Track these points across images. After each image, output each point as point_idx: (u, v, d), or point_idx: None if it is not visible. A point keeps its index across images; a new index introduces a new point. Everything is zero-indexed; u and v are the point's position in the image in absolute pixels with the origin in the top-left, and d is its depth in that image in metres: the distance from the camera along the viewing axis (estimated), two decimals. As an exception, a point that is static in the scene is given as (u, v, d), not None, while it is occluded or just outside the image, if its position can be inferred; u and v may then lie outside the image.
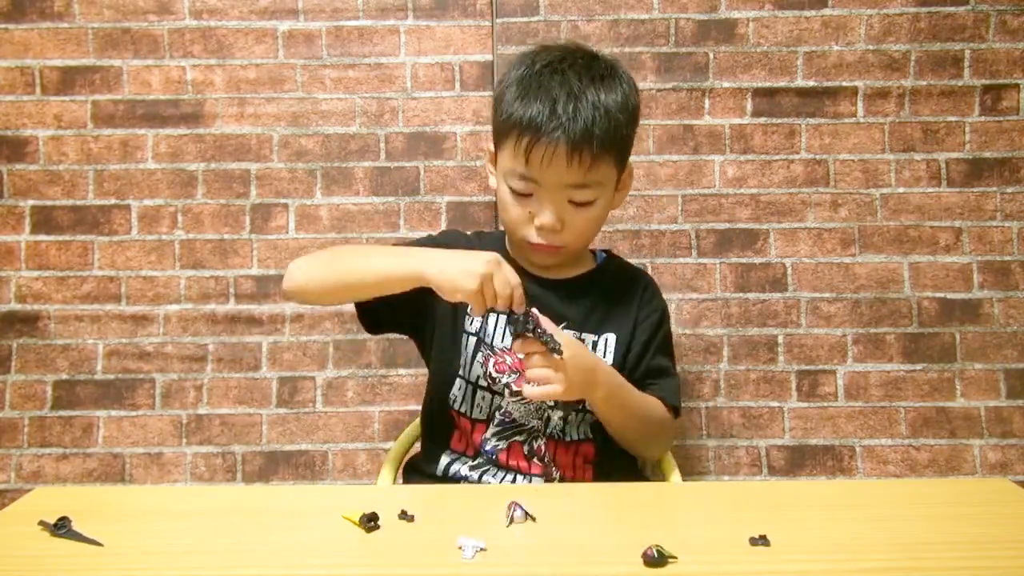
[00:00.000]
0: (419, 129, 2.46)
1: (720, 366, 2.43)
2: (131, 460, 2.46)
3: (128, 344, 2.47)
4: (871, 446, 2.41)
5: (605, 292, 1.56)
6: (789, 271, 2.43)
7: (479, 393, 1.53)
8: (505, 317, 1.35)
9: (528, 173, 1.41)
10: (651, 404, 1.50)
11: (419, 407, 1.76)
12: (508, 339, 1.50)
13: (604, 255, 1.68)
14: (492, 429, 1.50)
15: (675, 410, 1.57)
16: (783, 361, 2.43)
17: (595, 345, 1.51)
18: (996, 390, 2.41)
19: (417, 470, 1.65)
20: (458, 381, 1.55)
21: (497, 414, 1.50)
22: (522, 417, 1.50)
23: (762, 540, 0.99)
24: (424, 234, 1.92)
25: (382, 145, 2.47)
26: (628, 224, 2.42)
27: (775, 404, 2.43)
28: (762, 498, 1.18)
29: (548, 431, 1.50)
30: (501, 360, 1.50)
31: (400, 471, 1.79)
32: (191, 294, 2.47)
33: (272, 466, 2.45)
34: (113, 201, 2.47)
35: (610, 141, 1.40)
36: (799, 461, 2.42)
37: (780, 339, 2.43)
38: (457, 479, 1.51)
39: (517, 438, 1.47)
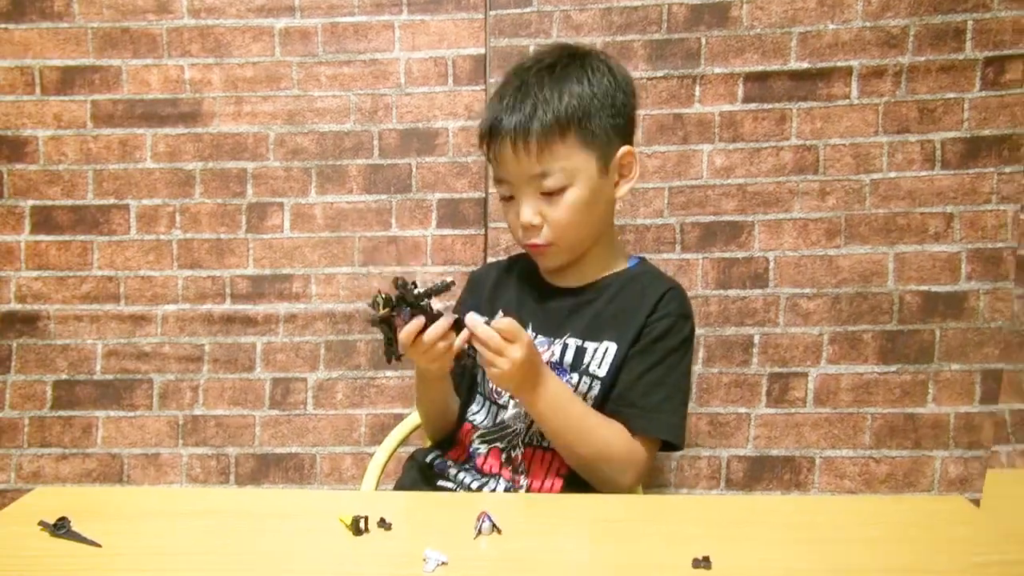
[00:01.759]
0: (412, 125, 2.47)
1: (694, 368, 2.36)
2: (129, 461, 2.50)
3: (127, 344, 2.50)
4: (831, 457, 2.38)
5: (617, 297, 1.50)
6: (772, 265, 2.39)
7: (497, 411, 1.55)
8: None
9: (501, 173, 1.45)
10: (609, 435, 1.40)
11: (405, 411, 1.78)
12: None
13: (637, 260, 1.62)
14: (479, 432, 1.53)
15: (666, 444, 1.48)
16: (756, 363, 2.39)
17: (594, 352, 1.45)
18: (970, 394, 2.35)
19: (416, 460, 1.67)
20: (478, 397, 1.60)
21: (492, 420, 1.53)
22: (511, 420, 1.49)
23: (704, 562, 1.00)
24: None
25: (375, 142, 2.48)
26: (615, 219, 2.41)
27: (743, 410, 2.39)
28: (714, 514, 1.18)
29: (529, 435, 1.47)
30: None
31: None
32: (188, 294, 2.50)
33: (263, 469, 2.48)
34: (112, 201, 2.50)
35: (560, 125, 1.37)
36: (757, 474, 2.38)
37: (756, 339, 2.39)
38: (440, 469, 1.54)
39: (498, 444, 1.47)
